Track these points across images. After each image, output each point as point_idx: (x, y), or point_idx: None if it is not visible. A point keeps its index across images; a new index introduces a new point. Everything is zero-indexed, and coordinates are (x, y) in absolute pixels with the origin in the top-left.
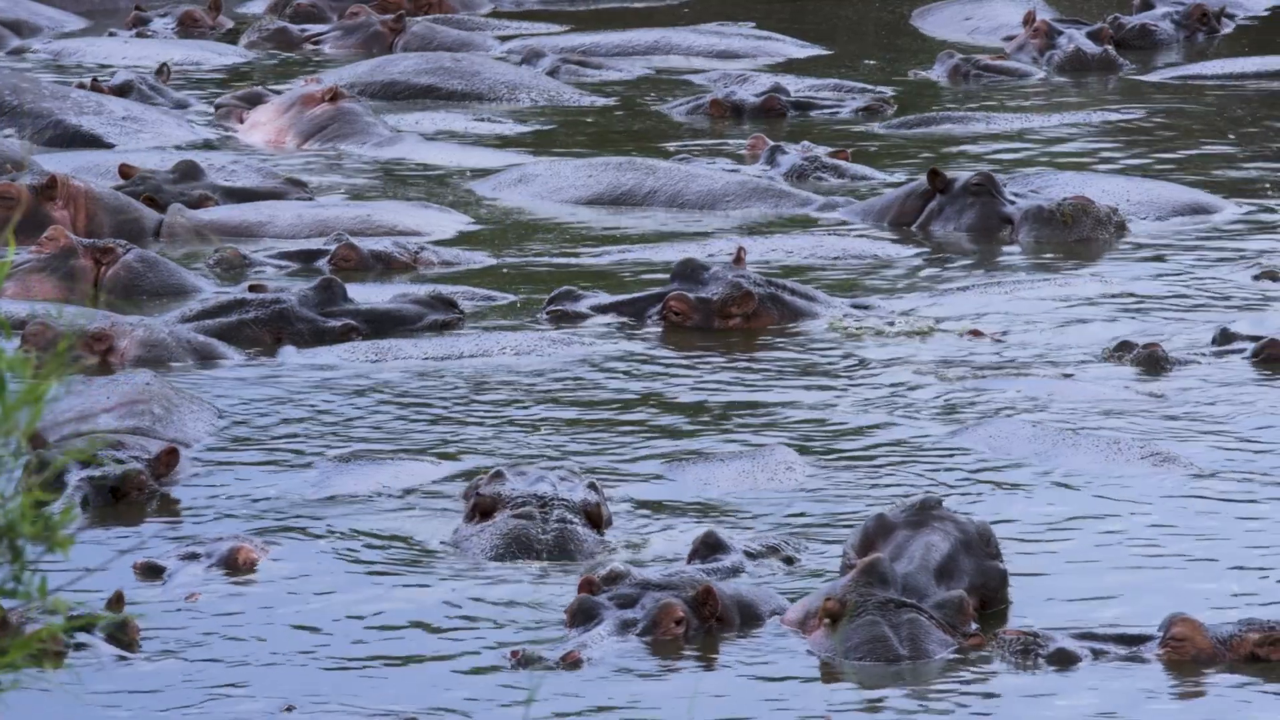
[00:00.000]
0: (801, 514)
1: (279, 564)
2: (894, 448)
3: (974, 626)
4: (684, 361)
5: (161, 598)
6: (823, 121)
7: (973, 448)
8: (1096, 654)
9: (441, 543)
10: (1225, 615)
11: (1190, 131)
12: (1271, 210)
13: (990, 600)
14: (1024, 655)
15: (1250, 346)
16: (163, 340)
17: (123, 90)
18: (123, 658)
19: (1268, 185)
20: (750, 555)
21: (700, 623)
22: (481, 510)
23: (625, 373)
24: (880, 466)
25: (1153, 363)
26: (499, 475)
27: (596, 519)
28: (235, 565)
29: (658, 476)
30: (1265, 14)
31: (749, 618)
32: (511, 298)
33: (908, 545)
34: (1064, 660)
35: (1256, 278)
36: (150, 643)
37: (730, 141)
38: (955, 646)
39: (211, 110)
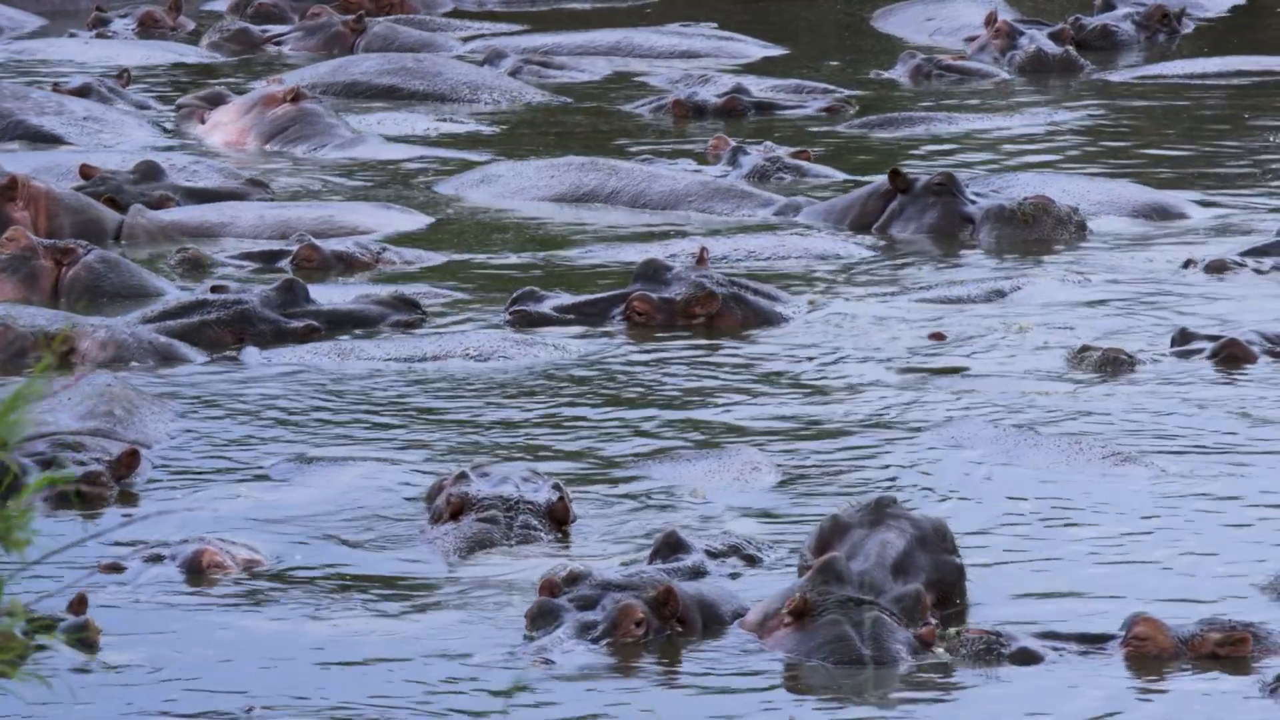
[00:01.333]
0: (766, 514)
1: (239, 565)
2: (858, 448)
3: (931, 621)
4: (647, 362)
5: (124, 598)
6: (785, 122)
7: (935, 448)
8: (1059, 653)
9: (405, 544)
10: (1185, 614)
11: (1151, 132)
12: (1231, 210)
13: (947, 595)
14: (986, 654)
15: (1210, 346)
16: (124, 341)
17: (82, 93)
18: (84, 659)
19: (1257, 172)
20: (712, 555)
21: (661, 624)
22: (452, 511)
23: (588, 373)
24: (844, 467)
25: (1114, 364)
26: (464, 476)
27: (562, 518)
28: (198, 567)
29: (622, 476)
30: (1225, 14)
31: (710, 619)
32: (474, 298)
33: (864, 544)
34: (1026, 660)
35: (1184, 265)
36: (112, 644)
37: (692, 142)
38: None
39: (172, 111)
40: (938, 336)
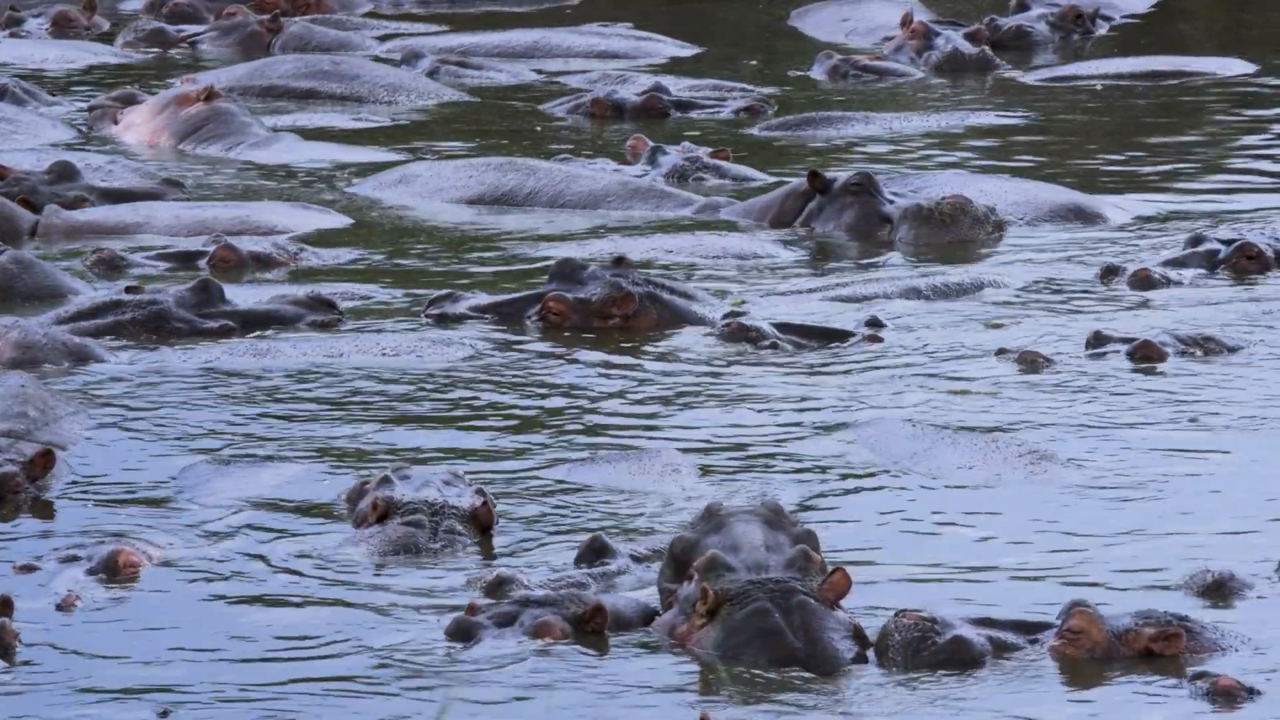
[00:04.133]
0: (687, 515)
1: (157, 566)
2: (776, 446)
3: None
4: (563, 363)
5: (40, 600)
6: (704, 122)
7: (853, 447)
8: (993, 641)
9: (325, 546)
10: (1106, 609)
11: (1066, 132)
12: (1146, 210)
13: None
14: (921, 641)
15: (1124, 348)
16: (38, 342)
17: None
18: None
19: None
20: (636, 559)
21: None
22: (377, 515)
23: (505, 374)
24: (762, 466)
25: (1030, 366)
26: (386, 480)
27: (485, 523)
28: (115, 568)
29: (541, 478)
30: (1139, 16)
31: (620, 626)
32: (391, 298)
33: (725, 541)
34: (960, 648)
35: (1104, 275)
36: (27, 646)
37: (611, 142)
38: (849, 623)
39: (86, 111)
40: (874, 339)
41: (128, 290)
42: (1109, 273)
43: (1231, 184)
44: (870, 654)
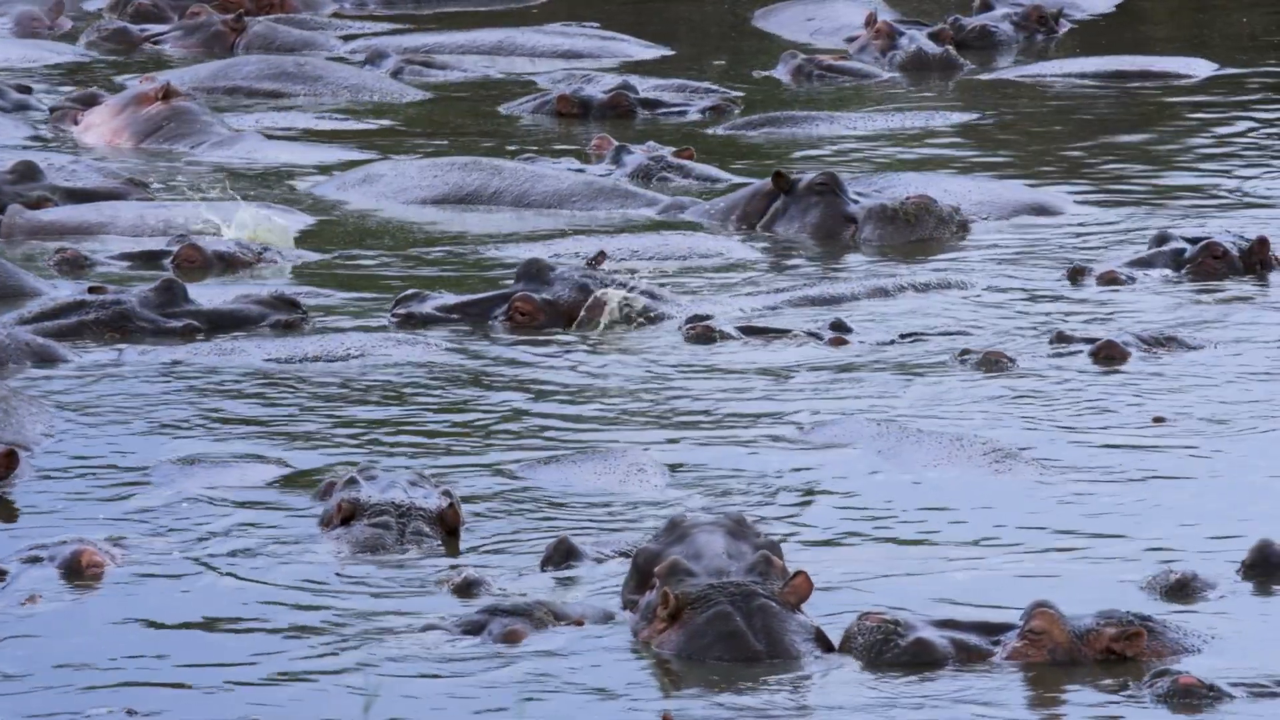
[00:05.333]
0: (653, 515)
1: (121, 567)
2: (741, 445)
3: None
4: (531, 363)
5: (2, 601)
6: (669, 122)
7: (818, 445)
8: (956, 643)
9: (291, 547)
10: (1068, 609)
11: (1030, 131)
12: (1109, 209)
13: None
14: (884, 643)
15: (1087, 348)
16: (0, 342)
17: None
18: None
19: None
20: (600, 562)
21: None
22: (344, 516)
23: (472, 374)
24: (728, 465)
25: (994, 365)
26: (352, 481)
27: (452, 525)
28: (78, 568)
29: (508, 479)
30: (1101, 16)
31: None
32: (356, 298)
33: (688, 550)
34: (923, 650)
35: (1072, 276)
36: None
37: (576, 143)
38: (810, 626)
39: (48, 112)
40: (834, 340)
41: (91, 290)
42: (1077, 273)
43: (1195, 184)
44: (833, 656)
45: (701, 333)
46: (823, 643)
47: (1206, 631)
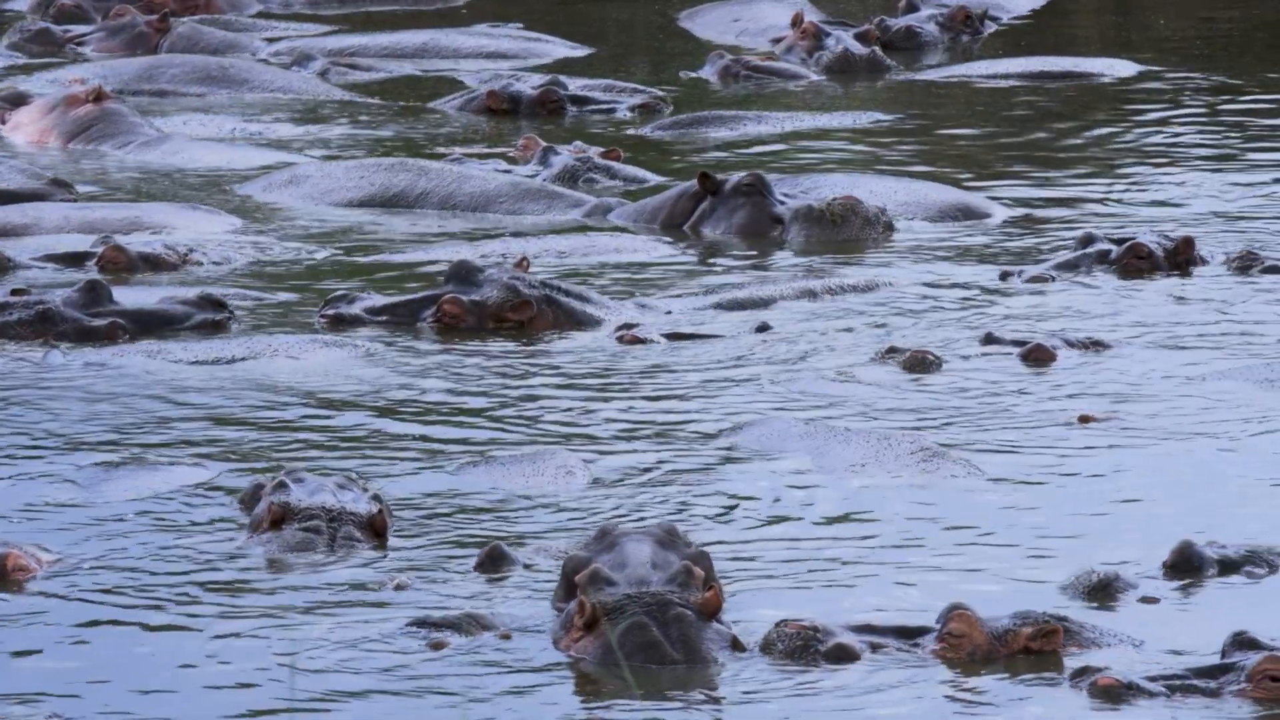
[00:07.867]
0: (583, 518)
1: (47, 571)
2: (669, 449)
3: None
4: (458, 364)
5: None
6: (598, 119)
7: (745, 446)
8: (875, 648)
9: (219, 551)
10: (993, 610)
11: (956, 132)
12: (1035, 209)
13: (705, 579)
14: (803, 650)
15: (1016, 350)
16: None
17: None
18: None
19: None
20: (529, 568)
21: None
22: (274, 520)
23: (400, 376)
24: (655, 466)
25: (921, 366)
26: (281, 485)
27: (380, 529)
28: (3, 573)
29: (436, 482)
30: (1026, 17)
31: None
32: (283, 299)
33: (614, 559)
34: (842, 655)
35: (1002, 277)
36: None
37: (504, 143)
38: (727, 634)
39: None
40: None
41: (14, 293)
42: (1006, 276)
43: (1121, 184)
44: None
45: (631, 342)
46: (740, 651)
47: (1125, 631)
